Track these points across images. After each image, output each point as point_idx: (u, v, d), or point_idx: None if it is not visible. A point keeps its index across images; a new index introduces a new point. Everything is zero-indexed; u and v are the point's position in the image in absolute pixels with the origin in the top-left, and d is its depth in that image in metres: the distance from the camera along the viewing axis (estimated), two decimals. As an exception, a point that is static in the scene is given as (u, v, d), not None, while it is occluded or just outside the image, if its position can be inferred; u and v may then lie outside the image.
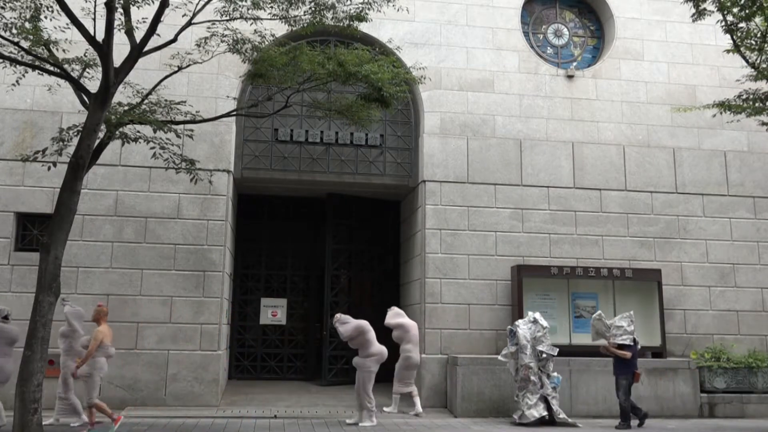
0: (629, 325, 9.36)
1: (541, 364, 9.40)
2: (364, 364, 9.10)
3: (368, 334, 9.15)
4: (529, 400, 9.22)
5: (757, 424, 9.88)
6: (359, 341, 9.14)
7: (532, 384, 9.26)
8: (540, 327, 9.50)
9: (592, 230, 11.53)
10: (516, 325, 9.59)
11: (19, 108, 10.50)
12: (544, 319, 9.65)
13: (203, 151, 10.64)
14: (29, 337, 7.17)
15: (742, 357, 10.80)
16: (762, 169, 12.24)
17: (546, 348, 9.38)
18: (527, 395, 9.25)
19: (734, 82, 11.56)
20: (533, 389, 9.27)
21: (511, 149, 11.62)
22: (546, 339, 9.46)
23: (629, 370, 9.25)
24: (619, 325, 9.37)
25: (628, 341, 9.28)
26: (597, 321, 9.59)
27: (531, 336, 9.44)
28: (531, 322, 9.57)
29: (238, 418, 9.39)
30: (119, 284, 10.20)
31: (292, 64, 9.15)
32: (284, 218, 14.22)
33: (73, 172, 7.57)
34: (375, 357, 9.13)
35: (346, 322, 9.18)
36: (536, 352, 9.37)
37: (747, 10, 9.20)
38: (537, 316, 9.64)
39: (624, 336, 9.29)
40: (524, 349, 9.34)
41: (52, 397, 9.50)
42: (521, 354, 9.35)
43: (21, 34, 7.78)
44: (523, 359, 9.32)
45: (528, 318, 9.68)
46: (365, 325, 9.20)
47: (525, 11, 12.49)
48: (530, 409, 9.17)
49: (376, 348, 9.17)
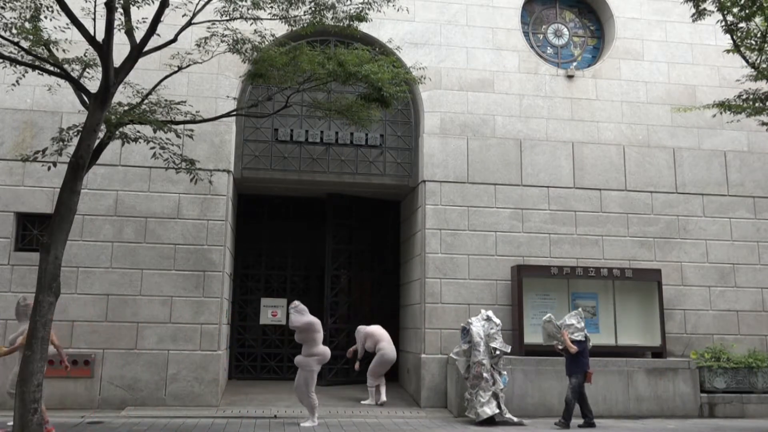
0: (579, 322, 9.29)
1: (494, 361, 9.35)
2: (307, 363, 8.94)
3: (317, 333, 9.00)
4: (481, 398, 9.14)
5: (757, 424, 9.88)
6: (307, 337, 8.94)
7: (485, 381, 9.19)
8: (493, 324, 9.48)
9: (592, 230, 11.53)
10: (469, 323, 9.54)
11: (19, 108, 10.50)
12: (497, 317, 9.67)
13: (203, 151, 10.64)
14: (29, 337, 7.15)
15: (742, 357, 10.81)
16: (762, 169, 12.24)
17: (499, 345, 9.34)
18: (480, 393, 9.18)
19: (734, 82, 11.56)
20: (486, 386, 9.20)
21: (511, 149, 11.62)
22: (499, 336, 9.43)
23: (581, 369, 9.19)
24: (570, 324, 9.29)
25: (579, 337, 9.20)
26: (548, 323, 9.53)
27: (484, 333, 9.39)
28: (484, 320, 9.54)
29: (238, 418, 9.39)
30: (119, 284, 10.20)
31: (292, 64, 9.15)
32: (284, 218, 14.21)
33: (73, 172, 7.56)
34: (318, 357, 8.99)
35: (302, 312, 8.99)
36: (489, 350, 9.32)
37: (747, 10, 9.19)
38: (490, 314, 9.64)
39: (576, 333, 9.21)
40: (477, 346, 9.29)
41: (49, 397, 9.54)
42: (474, 351, 9.30)
43: (21, 34, 7.77)
44: (477, 356, 9.26)
45: (481, 315, 9.65)
46: (318, 323, 9.07)
47: (525, 11, 12.49)
48: (483, 406, 9.10)
49: (321, 348, 9.05)
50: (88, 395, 9.89)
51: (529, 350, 10.55)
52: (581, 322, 9.34)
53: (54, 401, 9.63)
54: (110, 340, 10.04)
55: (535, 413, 10.08)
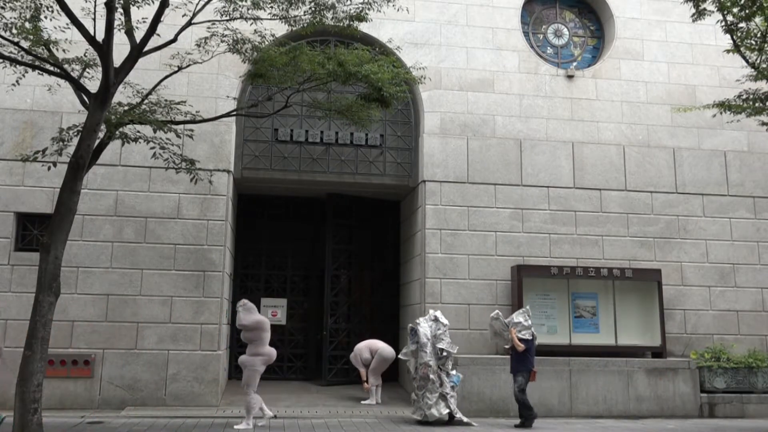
0: (527, 320, 9.22)
1: (441, 362, 9.17)
2: (252, 362, 8.81)
3: (265, 333, 8.88)
4: (428, 400, 9.00)
5: (757, 424, 9.88)
6: (254, 336, 8.82)
7: (431, 383, 9.03)
8: (441, 325, 9.31)
9: (592, 230, 11.53)
10: (417, 323, 9.38)
11: (19, 108, 10.49)
12: (504, 318, 9.51)
13: (203, 151, 10.64)
14: (29, 337, 7.16)
15: (742, 357, 10.81)
16: (762, 169, 12.24)
17: (446, 346, 9.17)
18: (426, 394, 9.03)
19: (734, 82, 11.57)
20: (432, 388, 9.04)
21: (511, 149, 11.62)
22: (446, 337, 9.26)
23: (526, 368, 9.09)
24: (517, 321, 9.21)
25: (527, 336, 9.12)
26: (495, 320, 9.46)
27: (431, 334, 9.22)
28: (432, 320, 9.38)
29: (238, 418, 9.37)
30: (119, 284, 10.20)
31: (292, 64, 9.15)
32: (284, 218, 14.21)
33: (73, 172, 7.57)
34: (264, 357, 8.87)
35: (251, 311, 8.86)
36: (436, 350, 9.16)
37: (747, 10, 9.19)
38: (438, 314, 9.45)
39: (523, 331, 9.14)
40: (424, 347, 9.13)
41: (49, 397, 9.54)
42: (421, 352, 9.13)
43: (21, 34, 7.78)
44: (423, 357, 9.10)
45: (429, 315, 9.48)
46: (267, 323, 8.96)
47: (525, 11, 12.49)
48: (431, 408, 8.96)
49: (267, 348, 8.93)
50: (88, 395, 9.88)
51: (529, 350, 10.55)
52: (528, 320, 9.24)
53: (54, 401, 9.64)
54: (110, 340, 10.04)
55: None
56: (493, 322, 9.50)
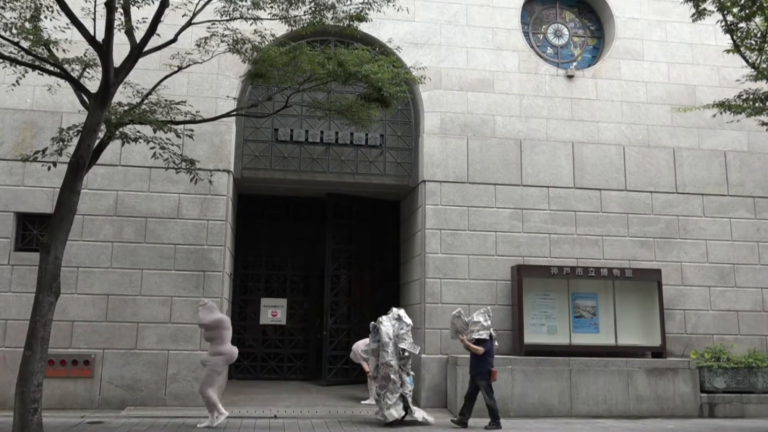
0: (486, 320, 9.08)
1: (402, 362, 9.08)
2: (212, 362, 8.75)
3: (226, 331, 8.84)
4: (389, 400, 8.87)
5: (757, 424, 9.88)
6: (215, 335, 8.78)
7: (392, 383, 8.91)
8: (404, 324, 9.19)
9: (592, 230, 11.53)
10: (379, 322, 9.23)
11: (19, 108, 10.49)
12: (475, 316, 9.29)
13: (203, 151, 10.64)
14: (29, 337, 7.16)
15: (742, 357, 10.81)
16: (762, 169, 12.24)
17: (408, 346, 9.06)
18: (387, 394, 8.90)
19: (734, 82, 11.57)
20: (393, 388, 8.92)
21: (511, 149, 11.62)
22: (408, 337, 9.14)
23: (486, 369, 8.98)
24: (477, 321, 9.08)
25: (485, 336, 8.98)
26: (456, 318, 9.35)
27: (394, 333, 9.09)
28: (395, 319, 9.24)
29: (238, 418, 9.38)
30: (119, 284, 10.20)
31: (292, 64, 9.15)
32: (284, 218, 14.21)
33: (73, 172, 7.57)
34: (224, 356, 8.81)
35: (211, 310, 8.82)
36: (398, 350, 9.04)
37: (747, 10, 9.20)
38: (401, 313, 9.33)
39: (481, 331, 8.99)
40: (386, 346, 8.98)
41: (49, 397, 9.54)
42: (383, 351, 8.99)
43: (21, 34, 7.78)
44: (385, 357, 8.95)
45: (392, 314, 9.33)
46: (227, 321, 8.93)
47: (525, 11, 12.49)
48: (390, 408, 8.83)
49: (228, 347, 8.87)
50: (88, 395, 9.89)
51: (529, 350, 10.55)
52: (488, 320, 9.10)
53: (54, 401, 9.65)
54: (110, 340, 10.04)
55: (536, 413, 10.08)
56: (455, 320, 9.37)
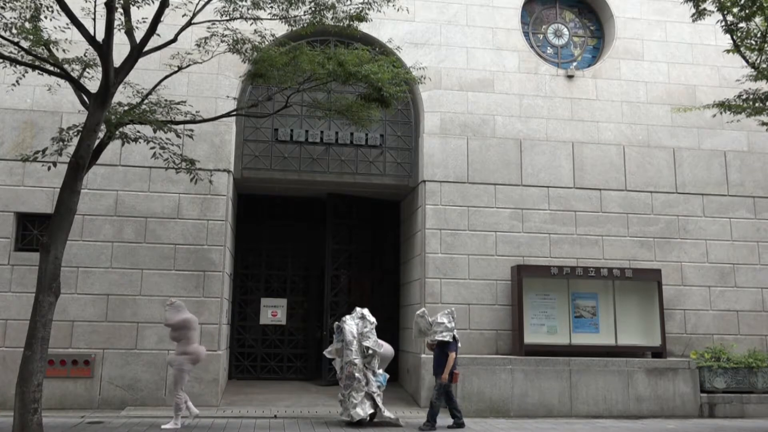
0: (450, 321, 8.92)
1: (367, 360, 8.98)
2: (179, 362, 8.67)
3: (192, 332, 8.76)
4: (354, 399, 8.78)
5: (757, 424, 9.88)
6: (180, 335, 8.71)
7: (357, 381, 8.81)
8: (368, 323, 9.09)
9: (592, 230, 11.53)
10: (343, 321, 9.15)
11: (19, 108, 10.50)
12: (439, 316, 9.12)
13: (203, 151, 10.64)
14: (29, 337, 7.17)
15: (742, 357, 10.81)
16: (762, 169, 12.24)
17: (371, 344, 8.95)
18: (352, 393, 8.81)
19: (734, 82, 11.57)
20: (358, 387, 8.82)
21: (511, 149, 11.62)
22: (372, 335, 9.03)
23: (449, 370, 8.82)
24: (440, 322, 8.92)
25: (447, 338, 8.83)
26: (420, 318, 9.25)
27: (357, 332, 9.01)
28: (359, 318, 9.16)
29: (238, 418, 9.39)
30: (119, 284, 10.20)
31: (292, 64, 9.15)
32: (284, 218, 14.21)
33: (73, 172, 7.57)
34: (191, 356, 8.71)
35: (179, 310, 8.74)
36: (362, 349, 8.95)
37: (747, 10, 9.20)
38: (365, 312, 9.21)
39: (444, 333, 8.83)
40: (350, 345, 8.90)
41: (49, 397, 9.54)
42: (346, 350, 8.92)
43: (21, 34, 7.78)
44: (348, 356, 8.88)
45: (356, 313, 9.25)
46: (194, 321, 8.85)
47: (525, 11, 12.49)
48: (356, 407, 8.74)
49: (195, 347, 8.79)
50: (88, 395, 9.89)
51: (529, 350, 10.55)
52: (452, 322, 8.95)
53: (54, 401, 9.65)
54: (110, 340, 10.04)
55: (535, 413, 10.09)
56: (418, 319, 9.28)
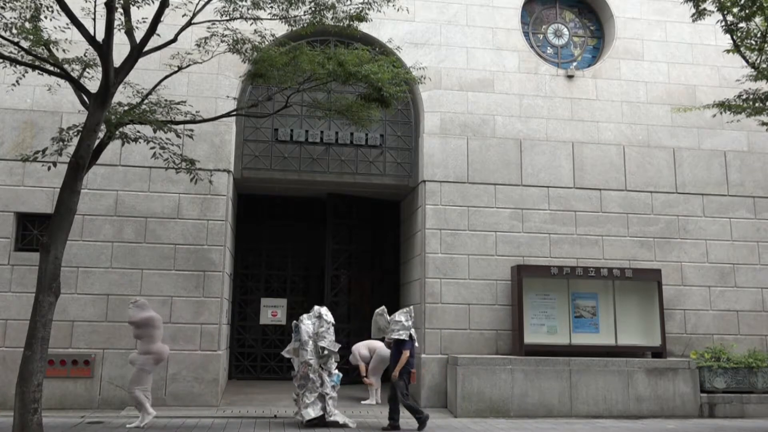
0: (407, 320, 8.79)
1: (322, 361, 8.88)
2: (141, 361, 8.62)
3: (155, 330, 8.71)
4: (307, 399, 8.69)
5: (757, 424, 9.88)
6: (143, 333, 8.67)
7: (311, 382, 8.73)
8: (324, 322, 8.95)
9: (592, 230, 11.53)
10: (300, 320, 9.04)
11: (19, 108, 10.50)
12: (396, 315, 8.96)
13: (203, 151, 10.64)
14: (29, 337, 7.16)
15: (742, 357, 10.80)
16: (762, 169, 12.24)
17: (327, 344, 8.83)
18: (306, 394, 8.73)
19: (734, 82, 11.57)
20: (312, 387, 8.74)
21: (511, 149, 11.62)
22: (329, 335, 8.91)
23: (405, 370, 8.67)
24: (398, 320, 8.77)
25: (403, 336, 8.68)
26: (379, 316, 9.17)
27: (313, 331, 8.90)
28: (316, 317, 9.03)
29: (238, 418, 9.39)
30: (119, 284, 10.20)
31: (292, 64, 9.15)
32: (284, 218, 14.21)
33: (73, 172, 7.57)
34: (153, 355, 8.66)
35: (142, 308, 8.69)
36: (318, 349, 8.83)
37: (747, 10, 9.19)
38: (323, 311, 9.08)
39: (401, 331, 8.69)
40: (305, 345, 8.80)
41: (49, 397, 9.54)
42: (302, 350, 8.83)
43: (21, 34, 7.77)
44: (304, 356, 8.78)
45: (313, 312, 9.12)
46: (158, 320, 8.80)
47: (525, 11, 12.49)
48: (307, 408, 8.67)
49: (158, 346, 8.74)
50: (88, 395, 9.89)
51: (529, 350, 10.55)
52: (409, 320, 8.82)
53: (54, 401, 9.65)
54: (110, 340, 10.04)
55: (535, 413, 10.08)
56: (377, 317, 9.22)
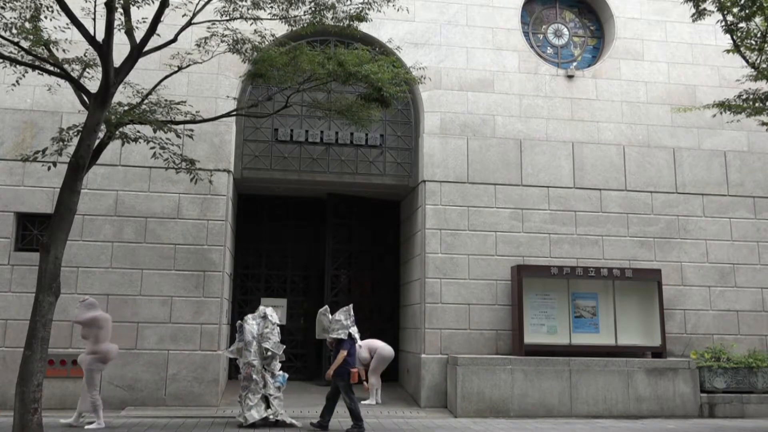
0: (347, 319, 8.67)
1: (266, 362, 8.82)
2: (88, 361, 8.53)
3: (101, 330, 8.60)
4: (250, 401, 8.64)
5: (757, 424, 9.88)
6: (89, 333, 8.58)
7: (254, 383, 8.69)
8: (269, 323, 8.92)
9: (592, 230, 11.53)
10: (245, 320, 8.98)
11: (19, 108, 10.49)
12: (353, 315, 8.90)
13: (203, 151, 10.64)
14: (29, 337, 7.16)
15: (742, 357, 10.81)
16: (762, 169, 12.24)
17: (271, 345, 8.79)
18: (249, 395, 8.68)
19: (734, 82, 11.56)
20: (255, 389, 8.70)
21: (511, 149, 11.62)
22: (273, 336, 8.87)
23: (345, 370, 8.49)
24: (338, 319, 8.68)
25: (342, 335, 8.56)
26: (322, 316, 9.07)
27: (258, 332, 8.86)
28: (260, 318, 8.98)
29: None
30: (119, 284, 10.20)
31: (292, 64, 9.15)
32: (284, 218, 14.21)
33: (73, 172, 7.57)
34: (98, 356, 8.54)
35: (89, 307, 8.60)
36: (262, 350, 8.80)
37: (747, 10, 9.20)
38: (269, 312, 9.06)
39: (340, 331, 8.59)
40: (249, 345, 8.76)
41: (49, 397, 9.53)
42: (245, 351, 8.78)
43: (21, 34, 7.78)
44: (247, 356, 8.73)
45: (258, 312, 9.08)
46: (104, 320, 8.69)
47: (525, 11, 12.49)
48: (251, 410, 8.60)
49: (104, 346, 8.61)
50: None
51: (529, 350, 10.55)
52: (348, 319, 8.71)
53: (54, 401, 9.65)
54: (110, 340, 10.02)
55: (535, 413, 10.08)
56: (321, 317, 9.13)
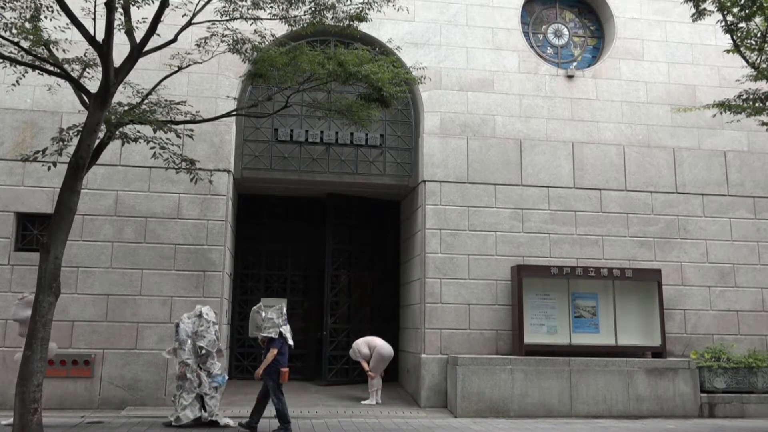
0: (279, 317, 8.54)
1: (201, 360, 8.78)
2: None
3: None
4: (184, 400, 8.56)
5: (757, 424, 9.88)
6: (27, 331, 8.27)
7: (189, 382, 8.62)
8: (204, 321, 8.86)
9: (592, 230, 11.53)
10: (181, 320, 8.96)
11: (19, 108, 10.50)
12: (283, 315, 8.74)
13: (203, 151, 10.64)
14: (29, 337, 7.17)
15: (742, 357, 10.81)
16: (762, 169, 12.24)
17: (206, 343, 8.73)
18: (183, 394, 8.60)
19: (734, 82, 11.57)
20: (189, 388, 8.63)
21: (511, 149, 11.62)
22: (208, 334, 8.82)
23: (275, 369, 8.35)
24: (270, 317, 8.54)
25: (272, 334, 8.41)
26: (255, 313, 9.00)
27: (192, 331, 8.81)
28: (196, 316, 8.94)
29: (238, 418, 9.37)
30: (119, 284, 10.20)
31: (292, 64, 9.15)
32: (284, 218, 14.22)
33: (73, 172, 7.57)
34: None
35: (28, 305, 8.29)
36: (196, 348, 8.75)
37: (747, 10, 9.19)
38: (204, 310, 8.99)
39: (271, 329, 8.44)
40: (183, 344, 8.71)
41: (49, 397, 9.54)
42: (179, 350, 8.74)
43: (21, 34, 7.78)
44: (182, 355, 8.69)
45: (194, 311, 9.05)
46: None
47: (525, 11, 12.49)
48: (185, 409, 8.53)
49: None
50: (88, 395, 9.89)
51: (529, 350, 10.55)
52: (280, 318, 8.57)
53: (54, 401, 9.65)
54: (110, 340, 10.04)
55: (535, 413, 10.08)
56: (254, 314, 9.09)
